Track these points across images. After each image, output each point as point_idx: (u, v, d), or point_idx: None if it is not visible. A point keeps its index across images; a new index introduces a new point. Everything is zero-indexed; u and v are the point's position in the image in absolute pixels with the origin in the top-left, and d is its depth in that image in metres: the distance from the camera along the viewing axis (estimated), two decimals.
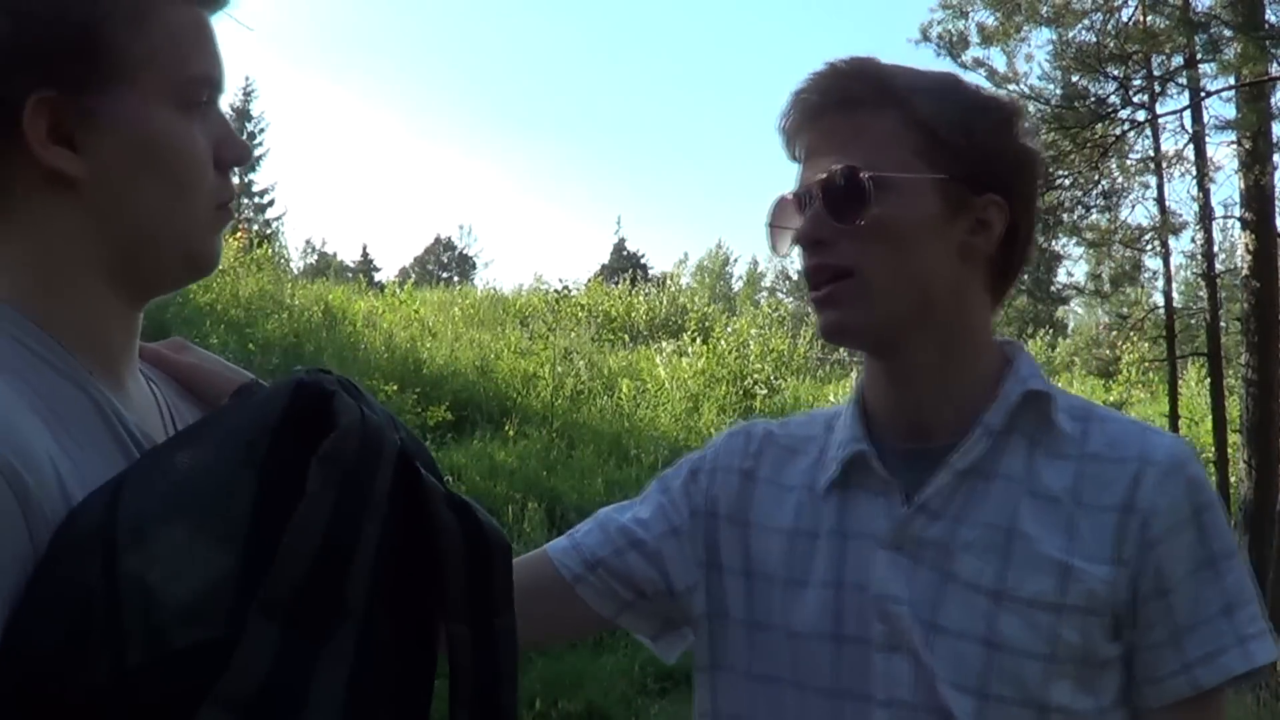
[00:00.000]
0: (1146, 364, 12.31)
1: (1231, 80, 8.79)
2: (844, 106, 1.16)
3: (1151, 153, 10.28)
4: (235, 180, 1.01)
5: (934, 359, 1.18)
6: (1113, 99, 9.58)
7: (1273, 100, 8.98)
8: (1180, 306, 11.24)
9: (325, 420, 0.81)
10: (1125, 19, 9.79)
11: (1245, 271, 9.58)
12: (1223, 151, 10.27)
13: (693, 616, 1.29)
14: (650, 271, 32.04)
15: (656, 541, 1.28)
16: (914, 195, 1.14)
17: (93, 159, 0.90)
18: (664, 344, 15.56)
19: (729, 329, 15.26)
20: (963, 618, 1.12)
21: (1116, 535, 1.11)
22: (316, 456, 0.79)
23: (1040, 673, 1.09)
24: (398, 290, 16.03)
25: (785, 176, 1.26)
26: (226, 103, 1.00)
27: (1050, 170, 9.05)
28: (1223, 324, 10.62)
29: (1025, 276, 1.33)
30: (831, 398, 14.10)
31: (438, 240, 49.48)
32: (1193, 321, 11.15)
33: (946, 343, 1.18)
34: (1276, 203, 9.47)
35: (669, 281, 22.56)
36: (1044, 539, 1.12)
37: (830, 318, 1.17)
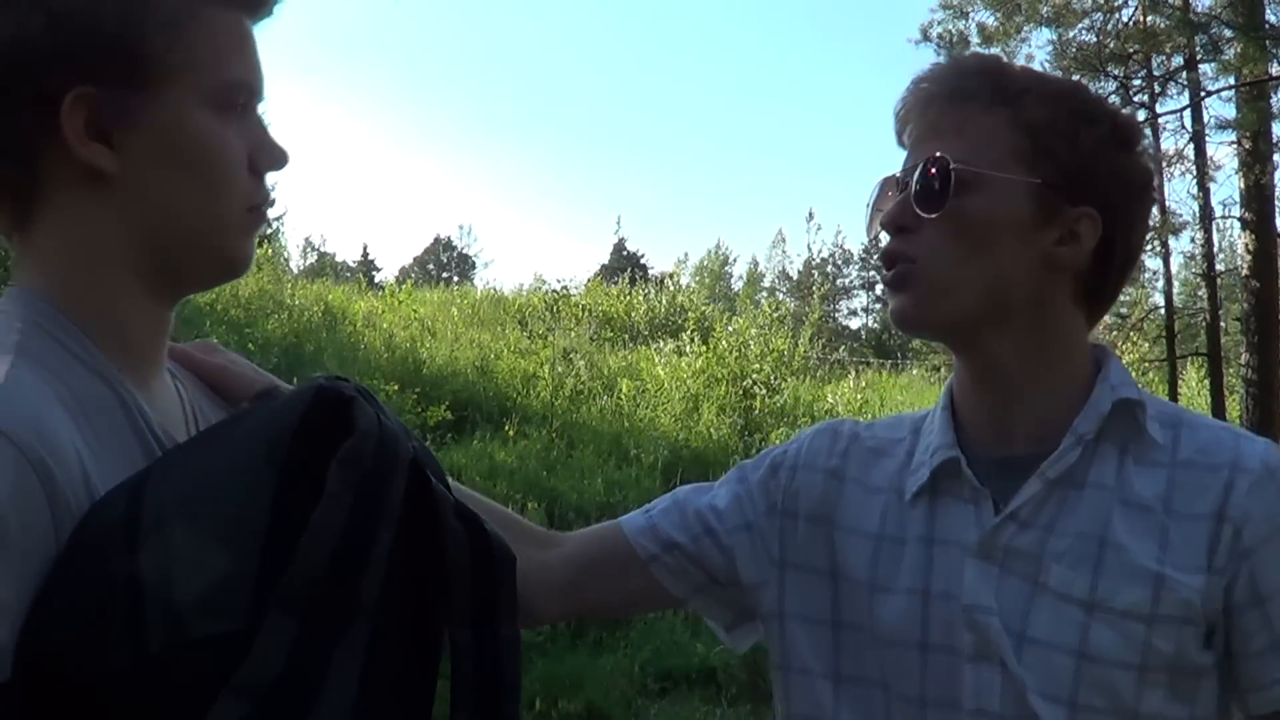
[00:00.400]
0: (1146, 364, 12.30)
1: (1231, 80, 8.80)
2: (954, 98, 1.16)
3: (1151, 152, 10.28)
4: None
5: (1016, 362, 1.17)
6: (1113, 99, 9.58)
7: (1273, 100, 8.99)
8: (1180, 306, 11.24)
9: (343, 425, 0.83)
10: (1125, 19, 9.80)
11: (1245, 271, 9.59)
12: (1223, 151, 10.28)
13: (761, 613, 1.28)
14: (650, 271, 32.03)
15: (729, 535, 1.27)
16: (1002, 195, 1.13)
17: (128, 157, 0.91)
18: (664, 344, 15.56)
19: (729, 329, 15.24)
20: (1053, 628, 1.10)
21: (1209, 544, 1.09)
22: (336, 459, 0.81)
23: (1132, 682, 1.08)
24: (397, 290, 16.02)
25: (786, 176, 1.26)
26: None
27: None
28: (1223, 324, 10.62)
29: None
30: (831, 398, 14.09)
31: (438, 240, 49.51)
32: (1193, 321, 11.15)
33: (1028, 348, 1.17)
34: (1276, 203, 9.48)
35: (668, 281, 22.53)
36: (1136, 548, 1.10)
37: (896, 303, 1.17)
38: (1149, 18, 9.47)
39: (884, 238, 1.20)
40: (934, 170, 1.13)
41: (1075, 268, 1.16)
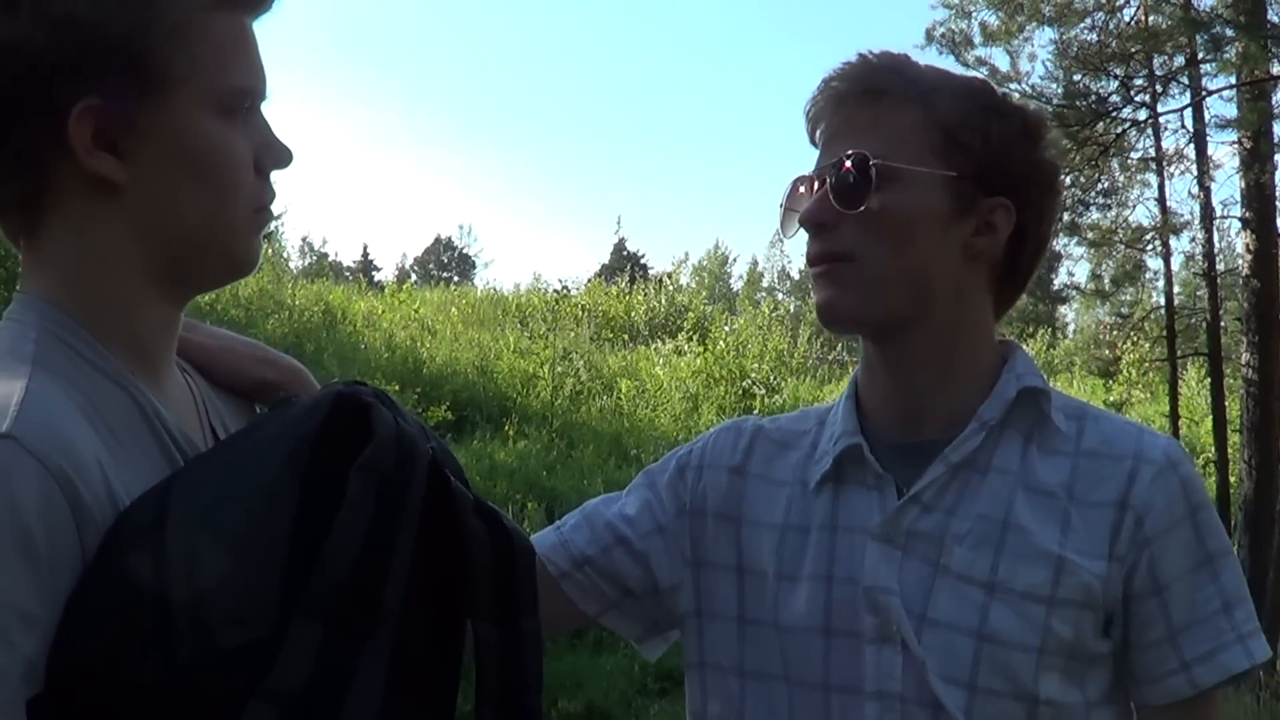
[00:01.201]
0: (1147, 364, 12.30)
1: (1232, 80, 8.78)
2: (866, 96, 1.17)
3: (1152, 152, 10.28)
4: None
5: (932, 353, 1.19)
6: (1114, 98, 9.57)
7: (1273, 100, 8.98)
8: (1180, 306, 11.23)
9: (363, 431, 0.84)
10: (1127, 18, 9.79)
11: (1245, 271, 9.58)
12: (1223, 151, 10.26)
13: (678, 614, 1.28)
14: (650, 271, 32.01)
15: (641, 540, 1.28)
16: (921, 189, 1.15)
17: (135, 165, 0.92)
18: (663, 344, 15.55)
19: (729, 328, 15.25)
20: (954, 609, 1.12)
21: (1111, 531, 1.12)
22: (356, 466, 0.82)
23: (1030, 665, 1.09)
24: (397, 290, 16.03)
25: (785, 176, 1.26)
26: None
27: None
28: (1223, 324, 10.61)
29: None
30: (830, 399, 14.08)
31: (438, 240, 49.47)
32: (1193, 321, 11.14)
33: (945, 338, 1.19)
34: (1276, 203, 9.47)
35: (668, 281, 22.52)
36: (1038, 531, 1.12)
37: (825, 295, 1.18)
38: (1150, 17, 9.47)
39: (803, 237, 1.21)
40: (853, 166, 1.14)
41: (991, 257, 1.19)
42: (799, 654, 1.18)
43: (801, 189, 1.22)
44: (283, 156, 1.01)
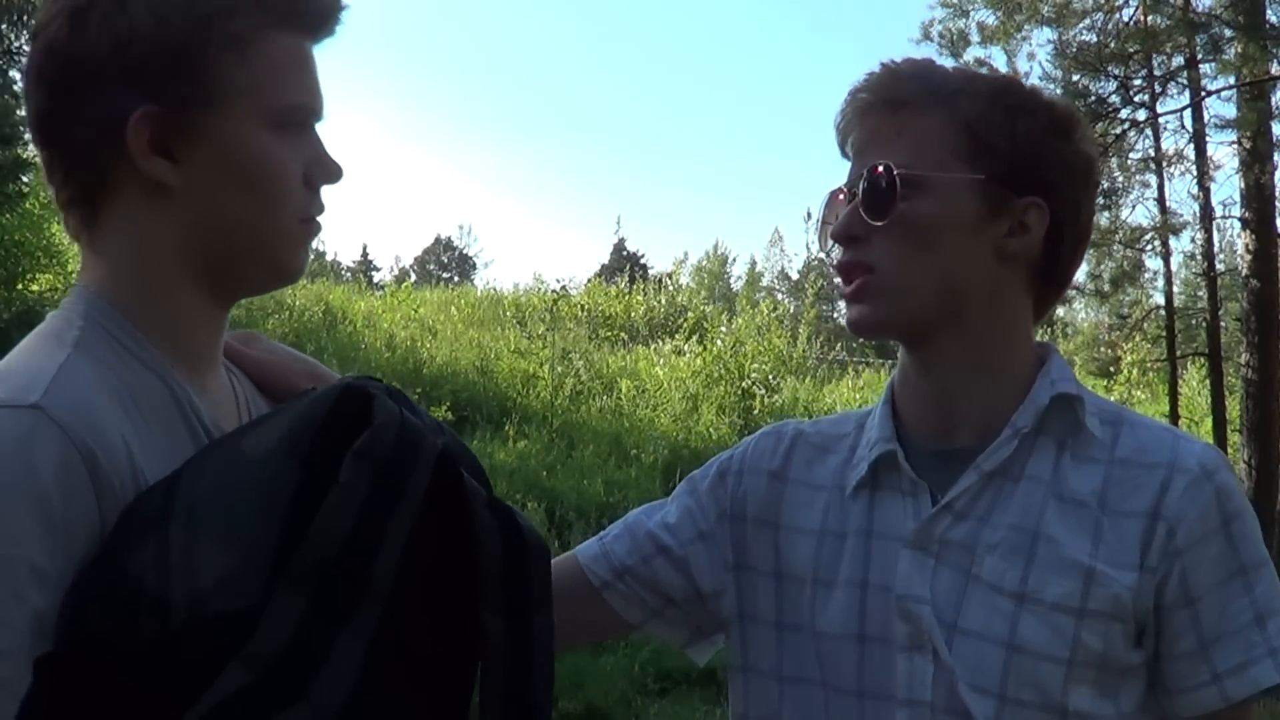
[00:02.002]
0: (1147, 364, 12.30)
1: (1232, 80, 8.79)
2: (889, 106, 1.17)
3: (1152, 152, 10.28)
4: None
5: (966, 357, 1.18)
6: (1113, 98, 9.59)
7: (1273, 100, 8.99)
8: (1180, 306, 11.23)
9: (366, 421, 0.87)
10: (1126, 19, 9.79)
11: (1245, 271, 9.58)
12: (1223, 151, 10.29)
13: (723, 619, 1.29)
14: (650, 271, 31.99)
15: (683, 548, 1.28)
16: (948, 195, 1.15)
17: (188, 170, 0.98)
18: (663, 344, 15.55)
19: (729, 328, 15.24)
20: (984, 619, 1.11)
21: (1143, 541, 1.10)
22: (351, 451, 0.85)
23: (1060, 677, 1.08)
24: (397, 290, 16.02)
25: (785, 176, 1.27)
26: None
27: None
28: (1223, 324, 10.62)
29: None
30: (830, 398, 14.08)
31: (438, 240, 49.45)
32: (1193, 321, 11.14)
33: (979, 343, 1.18)
34: (1276, 202, 9.47)
35: (667, 281, 22.51)
36: (1069, 542, 1.11)
37: (854, 313, 1.18)
38: (1149, 17, 9.47)
39: (838, 251, 1.21)
40: (878, 178, 1.14)
41: (1027, 257, 1.18)
42: (834, 660, 1.18)
43: (840, 198, 1.22)
44: (333, 172, 1.06)
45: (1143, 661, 1.12)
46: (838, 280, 1.20)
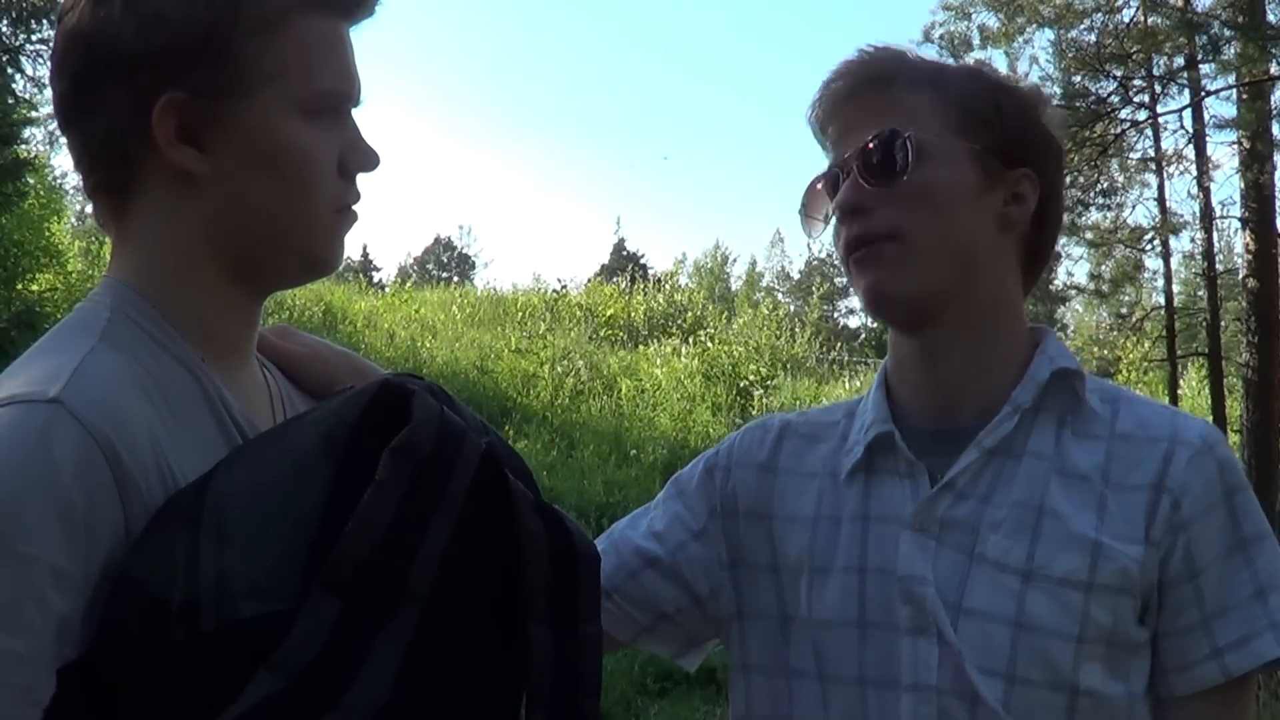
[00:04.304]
0: (1147, 364, 12.30)
1: (1231, 80, 8.78)
2: (878, 84, 1.18)
3: (1152, 152, 10.28)
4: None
5: (969, 335, 1.18)
6: (1113, 98, 9.57)
7: (1273, 100, 8.98)
8: (1180, 306, 11.23)
9: (404, 418, 0.83)
10: (1126, 19, 9.79)
11: (1245, 271, 9.58)
12: (1223, 151, 10.27)
13: (720, 619, 1.26)
14: (651, 271, 31.98)
15: (673, 555, 1.26)
16: (952, 163, 1.15)
17: (216, 159, 0.94)
18: (662, 344, 15.55)
19: (729, 328, 15.25)
20: (990, 598, 1.09)
21: (1147, 514, 1.10)
22: (389, 449, 0.81)
23: (1070, 654, 1.07)
24: (398, 290, 16.03)
25: (784, 175, 1.27)
26: None
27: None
28: (1223, 324, 10.61)
29: None
30: (828, 399, 14.09)
31: (438, 240, 49.41)
32: (1193, 321, 11.14)
33: (982, 319, 1.18)
34: (1276, 203, 9.47)
35: (667, 281, 22.51)
36: (1074, 517, 1.10)
37: (871, 277, 1.15)
38: (1149, 18, 9.46)
39: (827, 238, 1.21)
40: (882, 145, 1.13)
41: (1023, 228, 1.19)
42: (833, 648, 1.16)
43: (820, 186, 1.22)
44: (369, 159, 1.01)
45: (1149, 639, 1.11)
46: (851, 258, 1.17)
